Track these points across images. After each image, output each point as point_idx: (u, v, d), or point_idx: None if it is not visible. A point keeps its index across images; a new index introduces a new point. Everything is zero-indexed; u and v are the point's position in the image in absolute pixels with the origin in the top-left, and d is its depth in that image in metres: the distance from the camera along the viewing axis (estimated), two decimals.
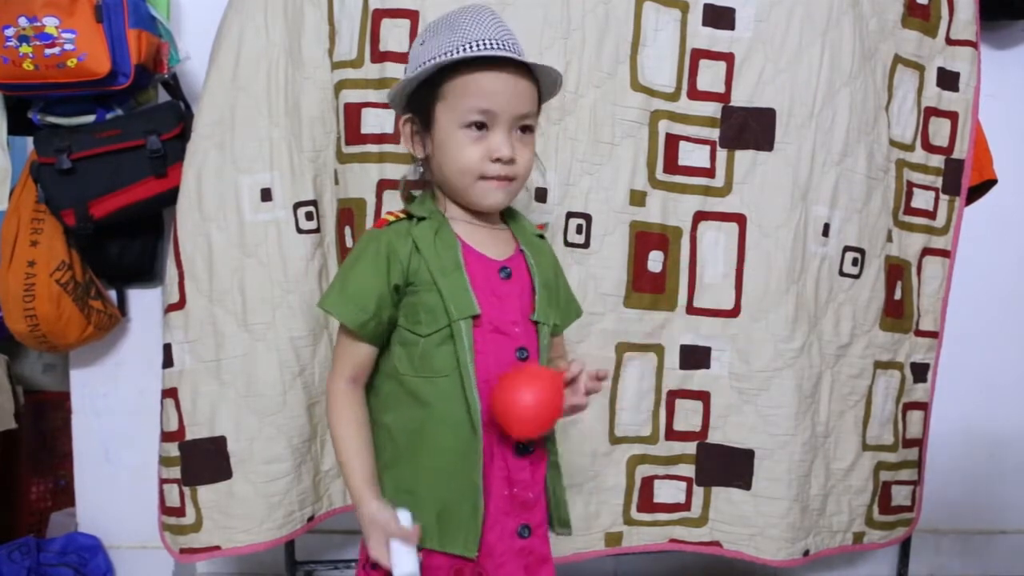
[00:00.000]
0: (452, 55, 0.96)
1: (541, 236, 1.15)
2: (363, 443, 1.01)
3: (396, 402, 1.02)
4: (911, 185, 1.71)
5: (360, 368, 1.03)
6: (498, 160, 0.99)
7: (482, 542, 1.00)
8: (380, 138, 1.43)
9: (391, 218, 1.04)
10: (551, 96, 1.08)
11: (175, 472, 1.46)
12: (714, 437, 1.61)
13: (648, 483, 1.61)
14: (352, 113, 1.44)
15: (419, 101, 1.02)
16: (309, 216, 1.47)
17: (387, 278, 0.99)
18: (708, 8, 1.53)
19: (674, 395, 1.60)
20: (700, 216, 1.58)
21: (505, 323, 1.02)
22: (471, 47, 0.96)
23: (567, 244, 1.50)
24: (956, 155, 1.74)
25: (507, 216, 1.12)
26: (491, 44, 0.97)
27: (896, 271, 1.70)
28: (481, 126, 0.99)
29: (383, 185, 1.44)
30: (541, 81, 1.04)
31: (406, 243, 1.00)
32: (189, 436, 1.46)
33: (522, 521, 1.03)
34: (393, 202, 1.42)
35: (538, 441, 1.04)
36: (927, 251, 1.74)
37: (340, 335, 1.04)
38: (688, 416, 1.61)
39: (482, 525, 0.99)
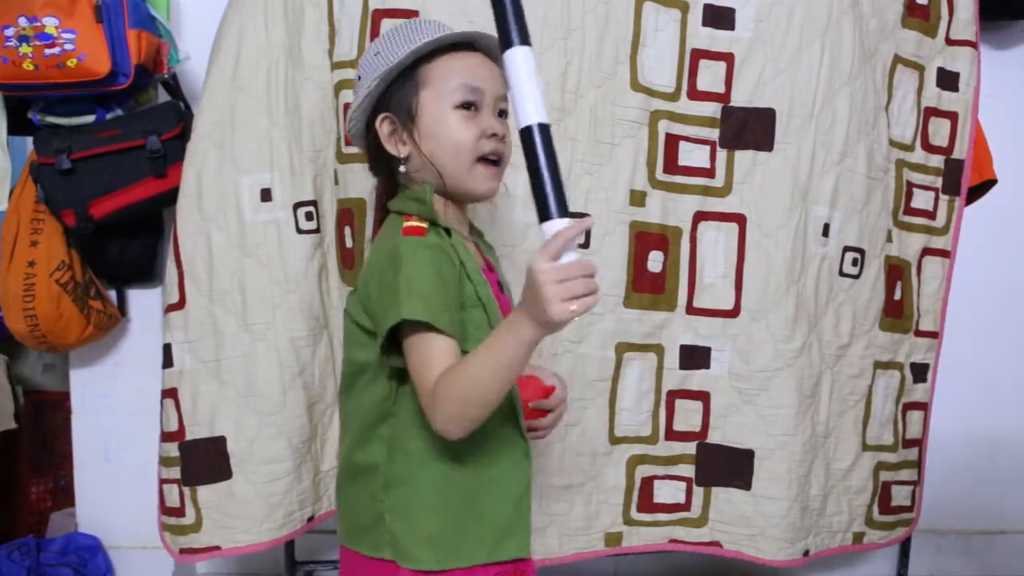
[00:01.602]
0: (426, 38, 0.97)
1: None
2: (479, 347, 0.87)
3: (427, 424, 0.91)
4: (911, 185, 1.71)
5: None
6: (493, 136, 0.98)
7: None
8: None
9: (424, 225, 0.96)
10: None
11: (175, 472, 1.46)
12: (714, 437, 1.61)
13: (648, 483, 1.61)
14: None
15: (395, 97, 1.00)
16: (309, 216, 1.47)
17: (456, 279, 0.93)
18: (708, 8, 1.53)
19: (674, 395, 1.60)
20: (700, 216, 1.58)
21: None
22: (442, 34, 0.98)
23: None
24: (956, 155, 1.74)
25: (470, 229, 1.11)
26: (462, 35, 0.99)
27: (896, 271, 1.70)
28: (470, 106, 0.98)
29: None
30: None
31: (454, 254, 0.95)
32: (189, 436, 1.46)
33: None
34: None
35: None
36: (927, 251, 1.74)
37: (421, 342, 0.89)
38: (688, 416, 1.61)
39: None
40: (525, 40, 0.80)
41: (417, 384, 0.89)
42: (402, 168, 1.01)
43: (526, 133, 0.79)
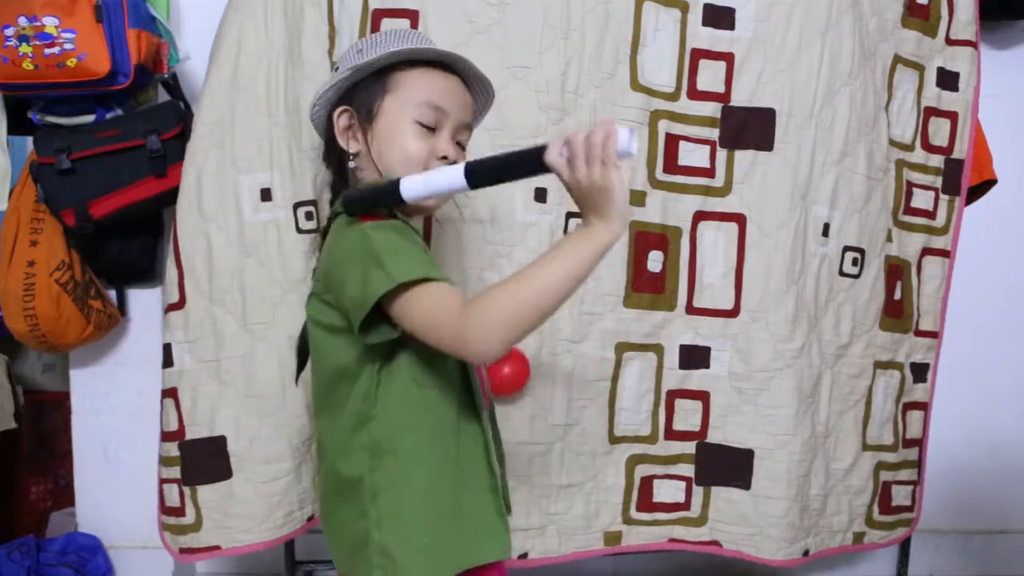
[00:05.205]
0: (410, 46, 1.00)
1: None
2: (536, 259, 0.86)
3: (415, 421, 0.95)
4: (911, 185, 1.71)
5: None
6: (444, 159, 1.00)
7: None
8: None
9: (383, 213, 0.97)
10: (476, 125, 1.12)
11: (175, 472, 1.46)
12: (713, 437, 1.61)
13: (647, 483, 1.61)
14: None
15: (360, 95, 1.02)
16: (309, 216, 1.47)
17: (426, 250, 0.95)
18: (708, 8, 1.53)
19: (673, 395, 1.60)
20: (700, 216, 1.58)
21: None
22: (427, 49, 1.01)
23: None
24: (956, 155, 1.74)
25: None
26: (442, 53, 1.01)
27: (896, 271, 1.70)
28: (430, 128, 1.00)
29: None
30: (477, 105, 1.09)
31: (416, 234, 0.97)
32: (189, 436, 1.46)
33: None
34: None
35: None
36: (927, 251, 1.74)
37: (423, 293, 0.86)
38: (687, 416, 1.61)
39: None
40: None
41: (435, 324, 0.86)
42: (351, 164, 1.04)
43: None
